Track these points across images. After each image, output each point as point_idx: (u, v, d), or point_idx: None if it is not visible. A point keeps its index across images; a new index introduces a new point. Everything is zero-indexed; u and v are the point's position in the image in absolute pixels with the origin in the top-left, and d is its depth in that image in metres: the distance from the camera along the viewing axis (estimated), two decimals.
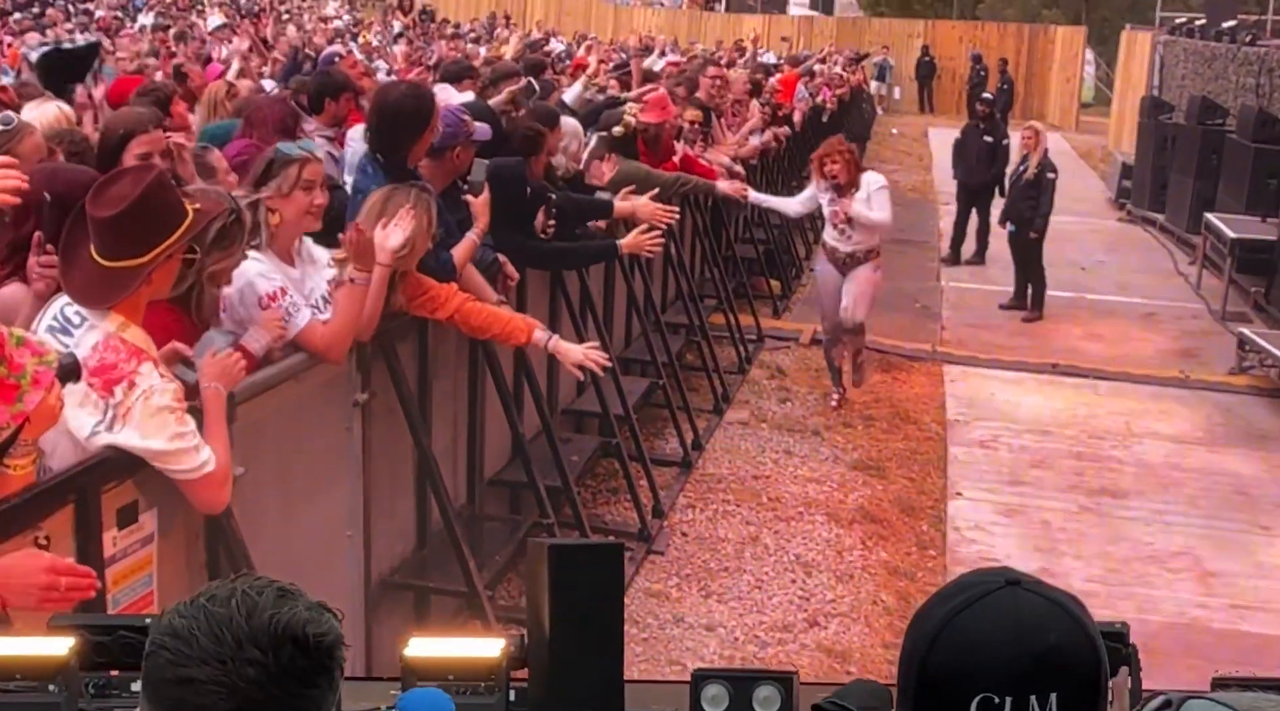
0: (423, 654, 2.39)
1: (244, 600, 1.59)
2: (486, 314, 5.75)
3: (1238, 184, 15.75)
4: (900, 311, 14.03)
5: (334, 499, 5.20)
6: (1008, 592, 1.63)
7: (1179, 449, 10.09)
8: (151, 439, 3.72)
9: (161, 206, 3.81)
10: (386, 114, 5.95)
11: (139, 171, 3.99)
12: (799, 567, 7.64)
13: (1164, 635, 7.14)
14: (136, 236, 3.76)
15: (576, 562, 2.38)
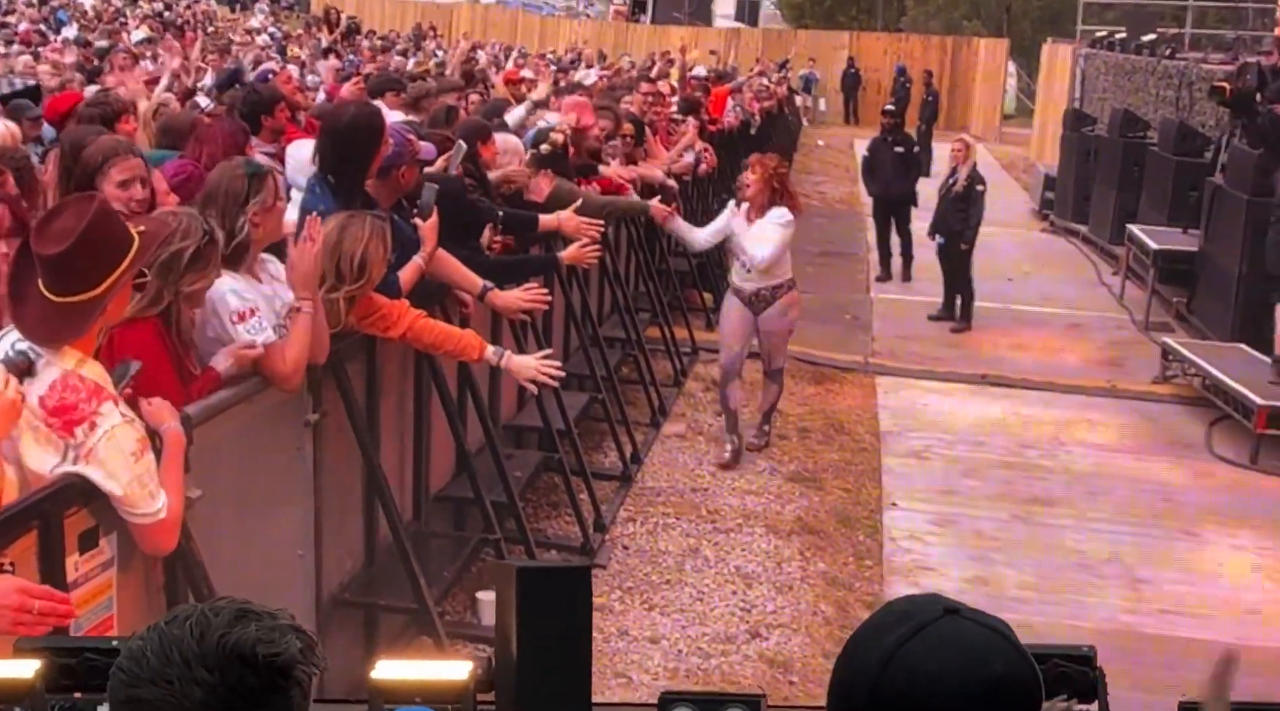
0: (390, 676, 2.36)
1: (199, 621, 1.60)
2: (439, 331, 5.82)
3: (1160, 196, 16.10)
4: (831, 323, 14.22)
5: (286, 518, 5.23)
6: (949, 622, 1.63)
7: (1106, 457, 10.32)
8: (112, 481, 3.72)
9: (107, 236, 3.77)
10: (338, 135, 5.99)
11: (80, 203, 3.93)
12: (739, 579, 7.74)
13: (1097, 640, 7.12)
14: (86, 270, 3.71)
15: (544, 585, 2.37)
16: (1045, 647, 2.30)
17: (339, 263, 5.30)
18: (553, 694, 2.35)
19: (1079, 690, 2.17)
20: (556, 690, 2.34)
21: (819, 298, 15.47)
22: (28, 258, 3.79)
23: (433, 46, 31.31)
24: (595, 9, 62.17)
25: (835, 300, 15.49)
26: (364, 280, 5.31)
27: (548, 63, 23.01)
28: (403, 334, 5.68)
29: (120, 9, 35.87)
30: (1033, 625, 7.41)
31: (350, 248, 5.28)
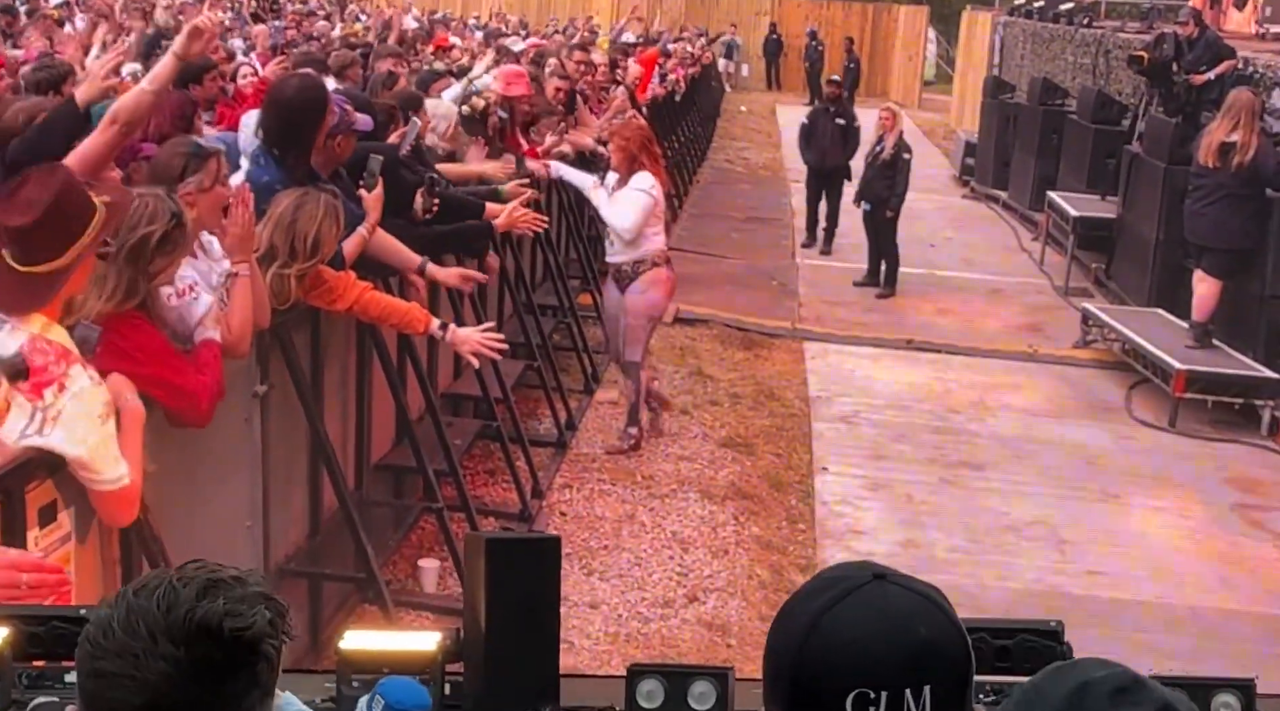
0: (358, 646, 2.40)
1: (167, 593, 1.58)
2: (384, 304, 5.86)
3: (1078, 163, 16.35)
4: (758, 290, 14.37)
5: (234, 490, 5.26)
6: (875, 587, 1.62)
7: (1030, 421, 10.54)
8: (78, 445, 3.73)
9: (72, 207, 3.81)
10: (282, 108, 5.98)
11: (45, 174, 3.96)
12: (676, 544, 7.85)
13: (1025, 601, 7.51)
14: (51, 240, 3.75)
15: (514, 556, 2.38)
16: (1014, 623, 2.36)
17: (293, 241, 5.32)
18: (521, 664, 2.38)
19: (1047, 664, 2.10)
20: (525, 660, 2.38)
21: (745, 263, 15.67)
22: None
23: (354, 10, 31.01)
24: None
25: (761, 266, 15.63)
26: (316, 258, 5.34)
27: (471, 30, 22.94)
28: (349, 306, 5.72)
29: None
30: (963, 586, 7.61)
31: (305, 227, 5.30)
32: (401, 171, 7.14)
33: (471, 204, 7.73)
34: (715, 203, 19.73)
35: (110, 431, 3.85)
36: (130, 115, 4.93)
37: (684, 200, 19.31)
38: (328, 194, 5.60)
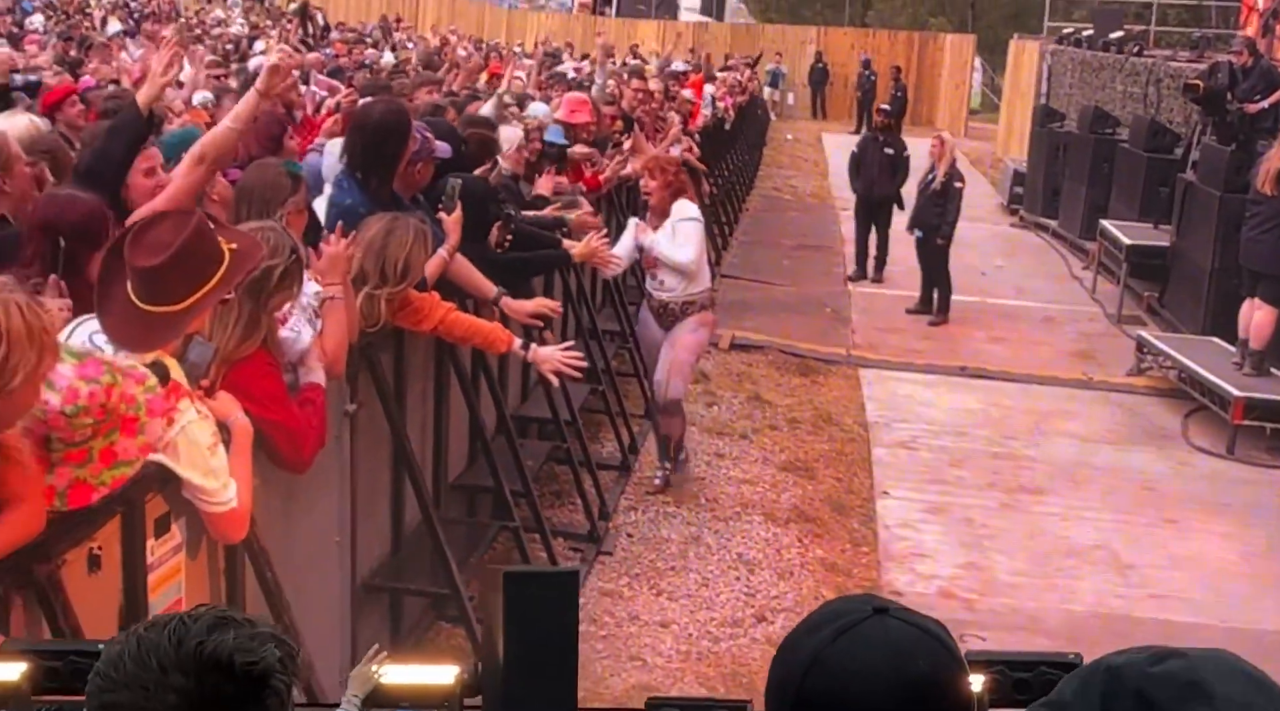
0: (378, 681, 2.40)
1: (177, 628, 1.59)
2: (468, 324, 6.01)
3: (1130, 192, 16.40)
4: (811, 316, 14.48)
5: (325, 506, 5.41)
6: (877, 621, 1.62)
7: (1087, 447, 10.60)
8: (190, 471, 3.88)
9: (201, 253, 3.88)
10: (366, 133, 6.15)
11: (179, 218, 4.03)
12: (742, 565, 7.96)
13: (1089, 623, 7.58)
14: (177, 283, 3.83)
15: (531, 589, 2.36)
16: (1031, 655, 2.35)
17: (383, 265, 5.47)
18: (539, 698, 2.37)
19: None
20: (543, 694, 2.36)
21: (797, 291, 15.78)
22: (118, 261, 3.92)
23: (403, 38, 31.40)
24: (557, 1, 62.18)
25: (813, 293, 15.75)
26: (406, 281, 5.50)
27: (519, 57, 23.16)
28: (434, 327, 5.87)
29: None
30: (1027, 609, 7.71)
31: (395, 252, 5.46)
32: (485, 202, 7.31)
33: (543, 238, 7.90)
34: (766, 230, 19.87)
35: (220, 460, 3.97)
36: (218, 152, 5.10)
37: (735, 228, 19.47)
38: (416, 219, 5.76)
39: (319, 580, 5.33)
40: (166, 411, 3.69)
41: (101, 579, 3.69)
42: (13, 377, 2.87)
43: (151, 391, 3.53)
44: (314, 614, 5.12)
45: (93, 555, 3.66)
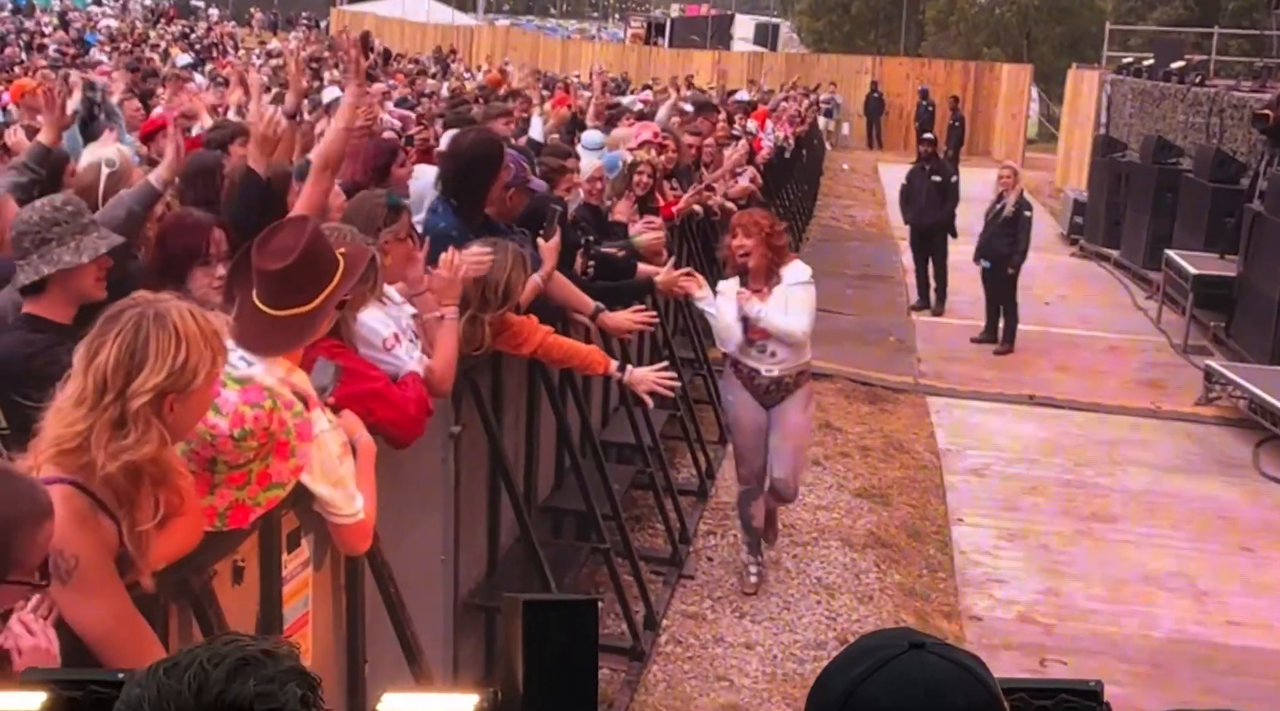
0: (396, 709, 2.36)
1: (197, 674, 1.57)
2: (567, 347, 6.17)
3: (1195, 222, 16.42)
4: (876, 345, 14.57)
5: (430, 526, 5.57)
6: (913, 656, 1.62)
7: (1159, 476, 10.64)
8: (320, 483, 4.03)
9: (321, 256, 4.14)
10: (460, 160, 6.35)
11: (296, 224, 4.29)
12: (822, 589, 8.07)
13: (1168, 649, 7.64)
14: (301, 286, 4.06)
15: (550, 619, 2.32)
16: (1053, 682, 2.36)
17: (484, 289, 5.64)
18: None
19: None
20: None
21: (861, 320, 15.86)
22: (244, 273, 4.13)
23: (461, 69, 31.78)
24: (608, 32, 62.68)
25: (877, 323, 15.83)
26: (507, 305, 5.66)
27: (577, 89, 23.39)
28: (534, 350, 6.02)
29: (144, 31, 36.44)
30: (1106, 635, 7.77)
31: (496, 276, 5.62)
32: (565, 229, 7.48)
33: (619, 264, 8.03)
34: (827, 260, 19.91)
35: (349, 469, 4.14)
36: (338, 157, 5.33)
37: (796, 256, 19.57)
38: (514, 244, 5.92)
39: (424, 598, 5.47)
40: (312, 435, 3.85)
41: (243, 590, 3.85)
42: (193, 378, 3.03)
43: (299, 416, 3.69)
44: (419, 631, 5.26)
45: (237, 567, 3.82)
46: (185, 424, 3.19)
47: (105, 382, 2.99)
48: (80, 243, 4.14)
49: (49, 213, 4.17)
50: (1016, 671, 7.19)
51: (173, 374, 3.02)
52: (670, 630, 7.44)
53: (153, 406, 3.01)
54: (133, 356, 3.00)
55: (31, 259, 4.08)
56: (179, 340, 3.03)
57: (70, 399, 3.05)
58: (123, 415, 2.99)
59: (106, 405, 2.99)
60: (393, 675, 4.88)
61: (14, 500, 2.60)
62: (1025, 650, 7.53)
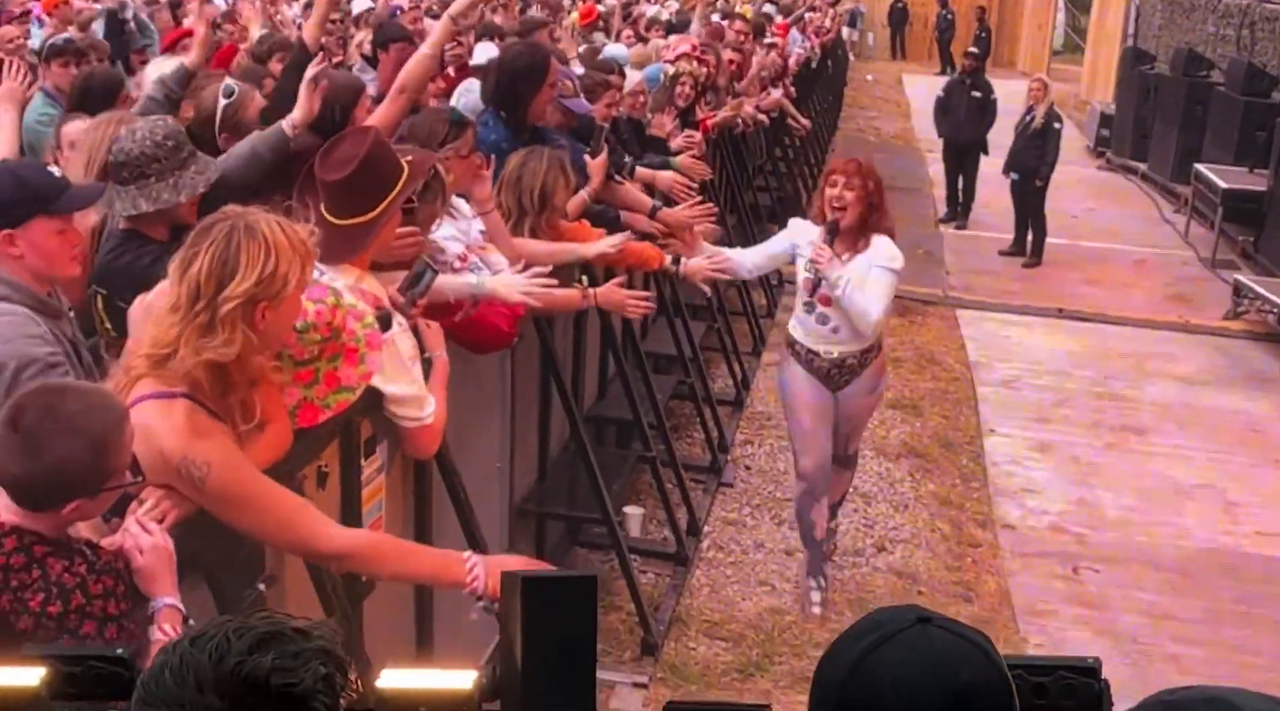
0: (395, 685, 2.35)
1: (220, 644, 1.57)
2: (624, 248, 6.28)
3: (1225, 136, 16.37)
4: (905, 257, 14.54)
5: (490, 434, 5.73)
6: (919, 630, 1.64)
7: (1188, 389, 10.76)
8: (393, 385, 4.17)
9: (383, 164, 4.25)
10: (508, 70, 6.41)
11: (358, 134, 4.42)
12: (859, 498, 8.22)
13: (1199, 559, 7.81)
14: (363, 195, 4.19)
15: (549, 594, 2.35)
16: (1050, 660, 2.37)
17: (520, 197, 5.75)
18: (557, 702, 2.36)
19: (1085, 701, 2.16)
20: (561, 699, 2.35)
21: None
22: (310, 185, 4.25)
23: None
24: None
25: (906, 234, 15.70)
26: (547, 210, 5.75)
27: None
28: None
29: None
30: (1137, 543, 7.93)
31: (530, 182, 5.73)
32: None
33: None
34: None
35: (417, 375, 4.29)
36: (418, 81, 5.41)
37: (823, 169, 19.54)
38: (552, 150, 6.01)
39: (482, 503, 5.62)
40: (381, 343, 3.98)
41: (326, 494, 4.01)
42: (283, 286, 3.16)
43: (370, 327, 3.81)
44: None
45: (321, 472, 3.98)
46: (276, 332, 3.31)
47: (198, 290, 3.12)
48: (179, 180, 4.21)
49: (149, 148, 4.22)
50: (1051, 579, 7.41)
51: (262, 281, 3.14)
52: (711, 536, 7.62)
53: (243, 312, 3.13)
54: (224, 265, 3.12)
55: (130, 190, 4.14)
56: (269, 249, 3.15)
57: (165, 307, 3.19)
58: (213, 319, 3.12)
59: (198, 311, 3.12)
60: None
61: (98, 414, 2.74)
62: (1058, 558, 7.70)
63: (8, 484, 2.69)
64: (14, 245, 3.40)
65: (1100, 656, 6.47)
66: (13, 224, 3.40)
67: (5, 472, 2.68)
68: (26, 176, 3.56)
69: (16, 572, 2.66)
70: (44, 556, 2.67)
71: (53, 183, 3.66)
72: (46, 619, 2.61)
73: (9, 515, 2.70)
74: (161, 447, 3.00)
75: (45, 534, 2.70)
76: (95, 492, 2.71)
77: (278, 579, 3.59)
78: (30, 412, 2.66)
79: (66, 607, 2.63)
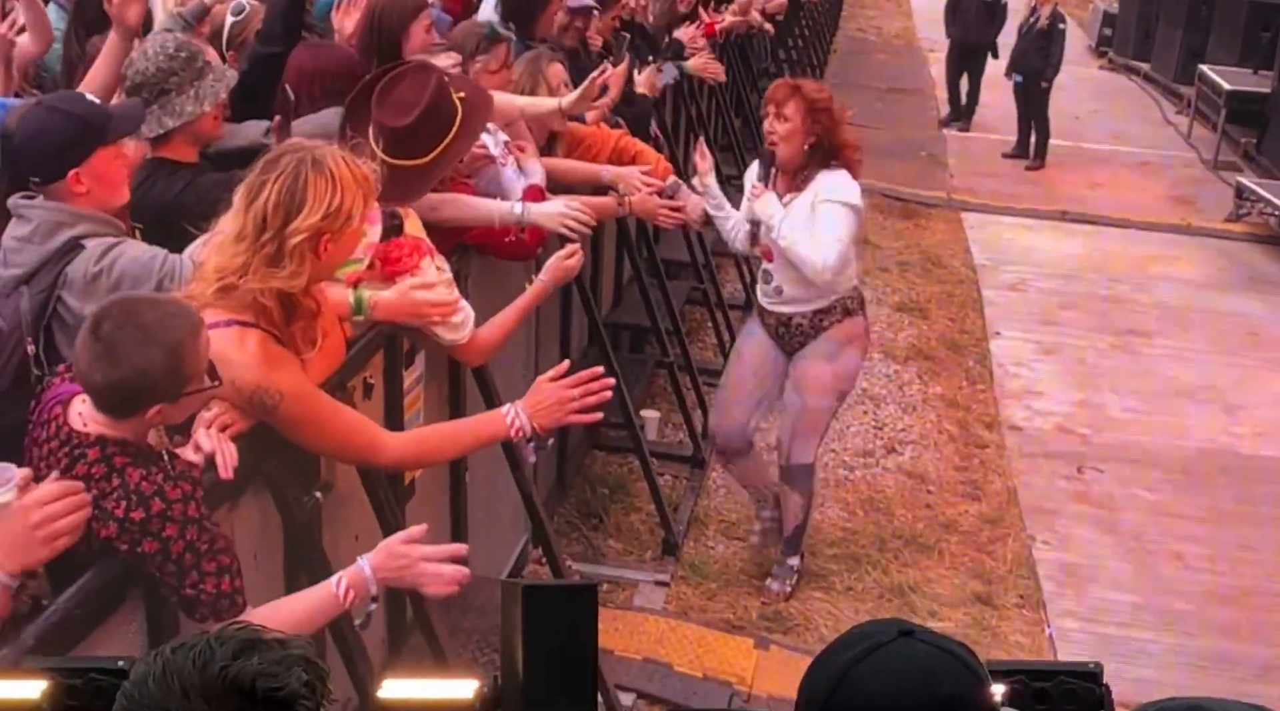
0: (397, 695, 2.37)
1: (203, 651, 1.58)
2: (639, 146, 6.36)
3: (1230, 36, 16.36)
4: (908, 160, 14.69)
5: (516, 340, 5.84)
6: (902, 643, 1.67)
7: (1191, 292, 10.92)
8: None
9: (442, 109, 4.27)
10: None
11: (418, 75, 4.37)
12: (868, 400, 8.41)
13: (1199, 459, 8.01)
14: (423, 138, 4.23)
15: (550, 604, 2.35)
16: (1051, 665, 2.42)
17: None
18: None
19: (1086, 706, 2.20)
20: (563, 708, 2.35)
21: (892, 134, 15.93)
22: (361, 114, 4.30)
23: None
24: None
25: (909, 137, 15.92)
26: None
27: None
28: (610, 152, 6.19)
29: None
30: (1140, 444, 8.12)
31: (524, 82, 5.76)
32: None
33: None
34: (855, 73, 19.90)
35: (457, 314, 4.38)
36: None
37: (824, 69, 19.51)
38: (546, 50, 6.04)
39: None
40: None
41: (372, 404, 4.16)
42: (348, 221, 3.28)
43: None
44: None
45: (367, 383, 4.13)
46: (335, 262, 3.42)
47: (265, 221, 3.20)
48: (199, 89, 4.13)
49: (164, 63, 4.07)
50: (1056, 479, 7.61)
51: (328, 215, 3.23)
52: None
53: (309, 244, 3.25)
54: (292, 198, 3.20)
55: (153, 110, 4.03)
56: (335, 184, 3.23)
57: (230, 235, 3.26)
58: (280, 251, 3.21)
59: (265, 242, 3.20)
60: (491, 477, 5.24)
61: (173, 322, 2.87)
62: (1064, 458, 7.90)
63: (92, 391, 2.82)
64: (80, 182, 3.46)
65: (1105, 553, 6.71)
66: (78, 162, 3.46)
67: (89, 380, 2.80)
68: (81, 112, 3.57)
69: (97, 482, 2.80)
70: (123, 466, 2.81)
71: (101, 111, 3.70)
72: (130, 524, 2.76)
73: (94, 425, 2.85)
74: (234, 376, 3.12)
75: (129, 442, 2.85)
76: (175, 397, 2.85)
77: (333, 486, 3.75)
78: (109, 322, 2.77)
79: (148, 513, 2.77)
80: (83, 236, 3.46)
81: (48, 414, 2.96)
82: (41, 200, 3.52)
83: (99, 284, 3.40)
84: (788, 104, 5.57)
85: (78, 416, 2.88)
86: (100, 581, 2.81)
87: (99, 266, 3.41)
